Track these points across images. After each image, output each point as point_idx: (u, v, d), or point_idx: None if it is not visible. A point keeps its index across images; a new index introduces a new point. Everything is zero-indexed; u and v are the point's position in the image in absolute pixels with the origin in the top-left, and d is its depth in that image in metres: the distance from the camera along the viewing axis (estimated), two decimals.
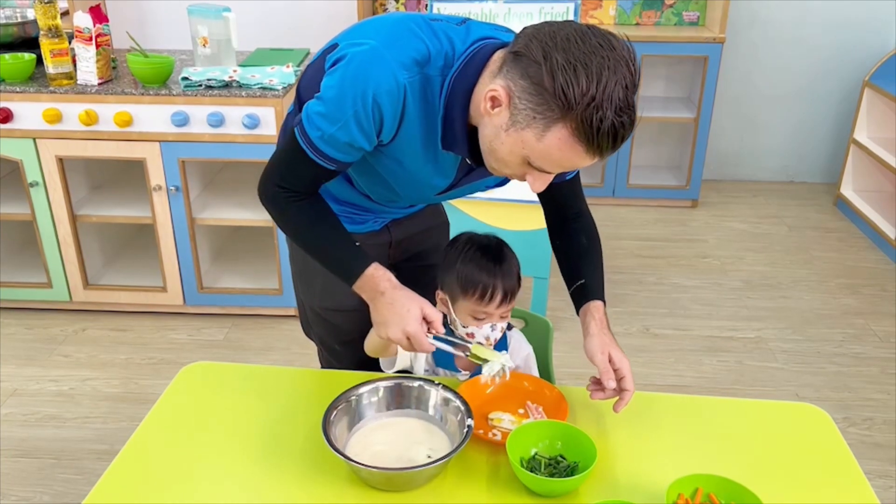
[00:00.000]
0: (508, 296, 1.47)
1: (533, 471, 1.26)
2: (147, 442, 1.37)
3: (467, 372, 1.56)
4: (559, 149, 1.11)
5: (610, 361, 1.37)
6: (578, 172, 1.48)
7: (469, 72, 1.20)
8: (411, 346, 1.34)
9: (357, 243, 1.39)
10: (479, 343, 1.44)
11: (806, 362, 2.82)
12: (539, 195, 1.50)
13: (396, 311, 1.32)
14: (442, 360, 1.57)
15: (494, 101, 1.14)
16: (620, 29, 3.93)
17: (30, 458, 2.31)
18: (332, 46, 1.30)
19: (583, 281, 1.47)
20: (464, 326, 1.51)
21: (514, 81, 1.11)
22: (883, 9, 3.98)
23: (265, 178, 1.37)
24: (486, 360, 1.38)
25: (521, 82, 1.10)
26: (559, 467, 1.28)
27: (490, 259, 1.47)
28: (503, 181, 1.47)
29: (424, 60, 1.20)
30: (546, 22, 1.13)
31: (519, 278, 1.51)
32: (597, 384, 1.39)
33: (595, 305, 1.44)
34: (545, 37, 1.09)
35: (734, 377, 2.73)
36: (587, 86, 1.05)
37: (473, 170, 1.34)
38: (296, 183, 1.34)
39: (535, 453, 1.31)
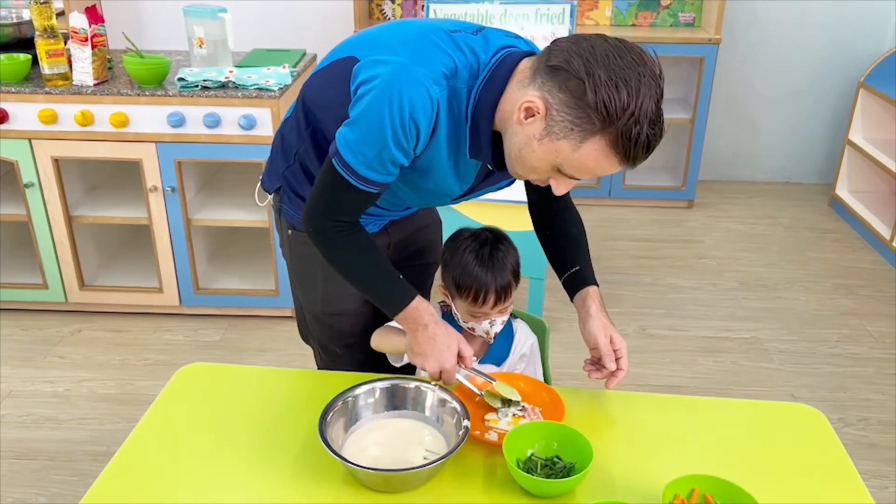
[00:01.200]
0: (502, 296, 1.50)
1: (529, 472, 1.26)
2: (143, 443, 1.37)
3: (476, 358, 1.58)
4: (595, 159, 1.16)
5: (610, 342, 1.44)
6: None
7: (496, 82, 1.23)
8: (440, 377, 1.39)
9: (400, 276, 1.42)
10: (501, 383, 1.45)
11: (801, 363, 2.83)
12: (527, 188, 1.55)
13: (438, 346, 1.37)
14: None
15: (529, 112, 1.17)
16: (616, 30, 3.93)
17: (25, 460, 2.30)
18: (348, 58, 1.30)
19: (577, 268, 1.52)
20: (464, 322, 1.53)
21: (552, 94, 1.14)
22: (878, 10, 4.00)
23: (311, 212, 1.37)
24: (500, 399, 1.41)
25: (560, 95, 1.13)
26: (555, 468, 1.28)
27: (483, 259, 1.49)
28: (510, 182, 1.49)
29: (452, 74, 1.22)
30: (579, 36, 1.16)
31: (516, 273, 1.54)
32: (593, 365, 1.47)
33: (593, 290, 1.50)
34: (585, 53, 1.12)
35: (730, 378, 2.74)
36: (627, 101, 1.09)
37: (491, 175, 1.37)
38: (343, 213, 1.35)
39: (532, 454, 1.31)
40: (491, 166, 1.31)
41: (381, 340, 1.57)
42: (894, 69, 3.70)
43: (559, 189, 1.26)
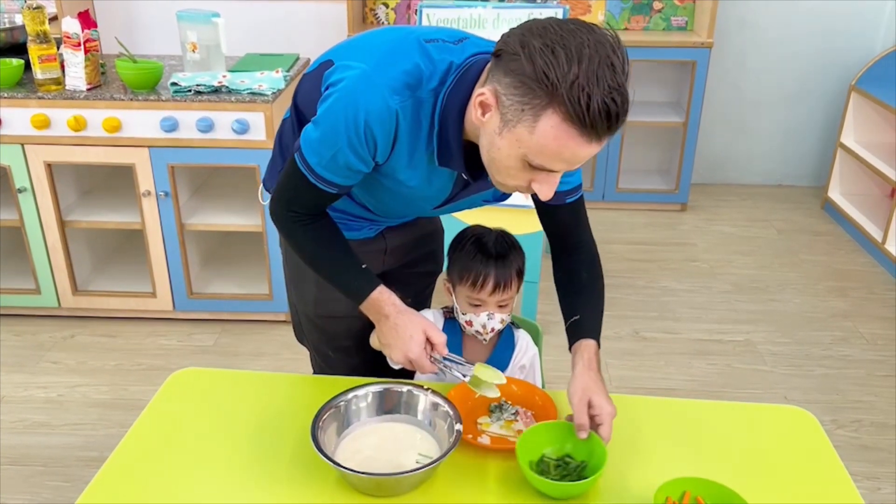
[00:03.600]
0: (502, 284, 1.51)
1: (542, 473, 1.26)
2: (135, 449, 1.36)
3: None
4: (554, 137, 1.08)
5: (590, 407, 1.31)
6: (581, 198, 1.47)
7: (462, 87, 1.20)
8: (413, 367, 1.38)
9: (364, 265, 1.42)
10: (482, 365, 1.42)
11: (794, 365, 2.84)
12: (542, 221, 1.49)
13: (400, 335, 1.36)
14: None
15: (484, 107, 1.14)
16: None
17: (18, 466, 2.30)
18: (326, 62, 1.31)
19: (577, 317, 1.43)
20: (463, 314, 1.55)
21: (499, 80, 1.11)
22: (869, 14, 4.02)
23: (274, 201, 1.39)
24: (482, 384, 1.38)
25: (505, 79, 1.09)
26: (568, 468, 1.29)
27: (487, 247, 1.52)
28: (501, 196, 1.48)
29: (416, 83, 1.20)
30: (528, 20, 1.13)
31: (520, 272, 1.55)
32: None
33: (586, 344, 1.39)
34: (521, 29, 1.10)
35: (723, 380, 2.75)
36: (568, 65, 1.03)
37: (469, 184, 1.35)
38: (302, 206, 1.36)
39: (544, 456, 1.31)
40: (466, 175, 1.28)
41: (375, 338, 1.57)
42: (885, 72, 3.73)
43: (543, 191, 1.19)
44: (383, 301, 1.38)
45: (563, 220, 1.48)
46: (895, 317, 3.15)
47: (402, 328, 1.36)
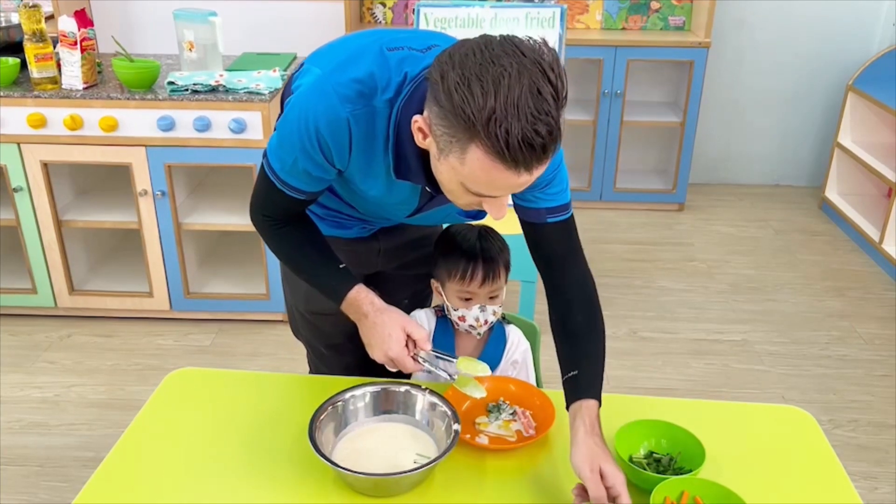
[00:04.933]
0: (490, 274, 1.51)
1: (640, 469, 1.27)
2: (132, 449, 1.36)
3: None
4: (483, 170, 1.04)
5: (602, 478, 1.18)
6: (569, 221, 1.35)
7: (415, 99, 1.15)
8: (395, 366, 1.37)
9: (342, 265, 1.41)
10: (464, 359, 1.42)
11: (792, 364, 2.84)
12: (528, 244, 1.39)
13: (378, 334, 1.35)
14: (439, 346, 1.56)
15: (422, 133, 1.12)
16: (607, 34, 3.95)
17: (15, 466, 2.29)
18: (303, 65, 1.32)
19: (574, 372, 1.30)
20: (455, 309, 1.55)
21: (430, 108, 1.07)
22: (866, 14, 4.02)
23: (251, 205, 1.40)
24: (468, 384, 1.39)
25: (435, 108, 1.05)
26: (662, 462, 1.31)
27: (472, 241, 1.52)
28: (477, 214, 1.47)
29: (370, 92, 1.17)
30: (456, 43, 1.07)
31: (507, 263, 1.55)
32: (582, 495, 1.20)
33: (586, 406, 1.26)
34: (445, 56, 1.04)
35: (721, 380, 2.75)
36: (483, 99, 0.98)
37: (435, 197, 1.31)
38: (275, 211, 1.37)
39: (632, 456, 1.31)
40: (429, 188, 1.24)
41: None
42: (883, 72, 3.73)
43: (493, 212, 1.15)
44: (361, 300, 1.37)
45: (549, 243, 1.36)
46: (892, 316, 3.15)
47: (380, 326, 1.35)
